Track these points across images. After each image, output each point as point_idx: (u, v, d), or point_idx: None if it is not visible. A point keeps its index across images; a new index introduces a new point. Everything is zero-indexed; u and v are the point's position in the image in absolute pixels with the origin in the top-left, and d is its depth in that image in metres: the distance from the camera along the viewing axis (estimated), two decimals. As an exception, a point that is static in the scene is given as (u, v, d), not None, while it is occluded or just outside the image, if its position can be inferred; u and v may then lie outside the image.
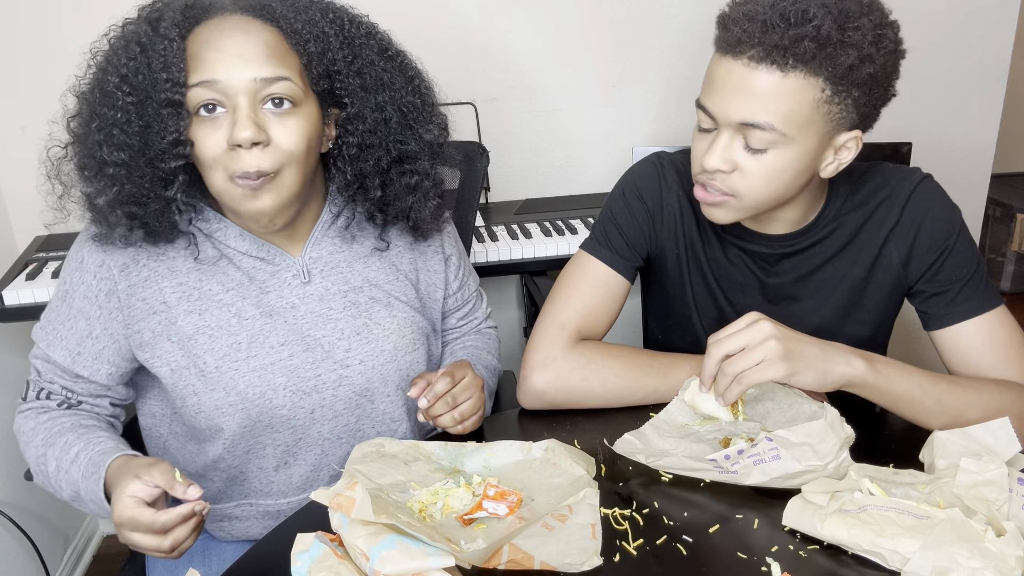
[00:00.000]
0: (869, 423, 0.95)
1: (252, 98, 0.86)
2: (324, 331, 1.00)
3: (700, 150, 0.95)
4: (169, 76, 0.85)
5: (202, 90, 0.85)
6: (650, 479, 0.88)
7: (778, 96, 0.87)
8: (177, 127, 0.86)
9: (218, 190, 0.90)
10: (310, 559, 0.72)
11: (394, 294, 1.05)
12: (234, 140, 0.85)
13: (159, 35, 0.86)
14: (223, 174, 0.88)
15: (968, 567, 0.67)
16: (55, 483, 0.93)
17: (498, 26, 1.85)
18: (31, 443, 0.97)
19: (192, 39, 0.87)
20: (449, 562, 0.69)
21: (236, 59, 0.85)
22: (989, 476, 0.76)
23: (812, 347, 0.90)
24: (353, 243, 1.04)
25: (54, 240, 1.74)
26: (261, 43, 0.87)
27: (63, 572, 1.92)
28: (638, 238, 1.11)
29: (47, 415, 0.98)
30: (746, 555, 0.76)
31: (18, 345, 1.82)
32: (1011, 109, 2.24)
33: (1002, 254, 3.23)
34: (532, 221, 1.78)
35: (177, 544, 0.79)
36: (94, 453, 0.90)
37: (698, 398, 0.94)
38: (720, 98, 0.91)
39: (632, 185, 1.12)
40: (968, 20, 1.99)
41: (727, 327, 0.91)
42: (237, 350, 0.96)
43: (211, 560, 1.07)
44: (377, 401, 1.03)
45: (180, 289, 0.96)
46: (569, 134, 1.97)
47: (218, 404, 0.95)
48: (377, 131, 0.96)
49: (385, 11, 1.36)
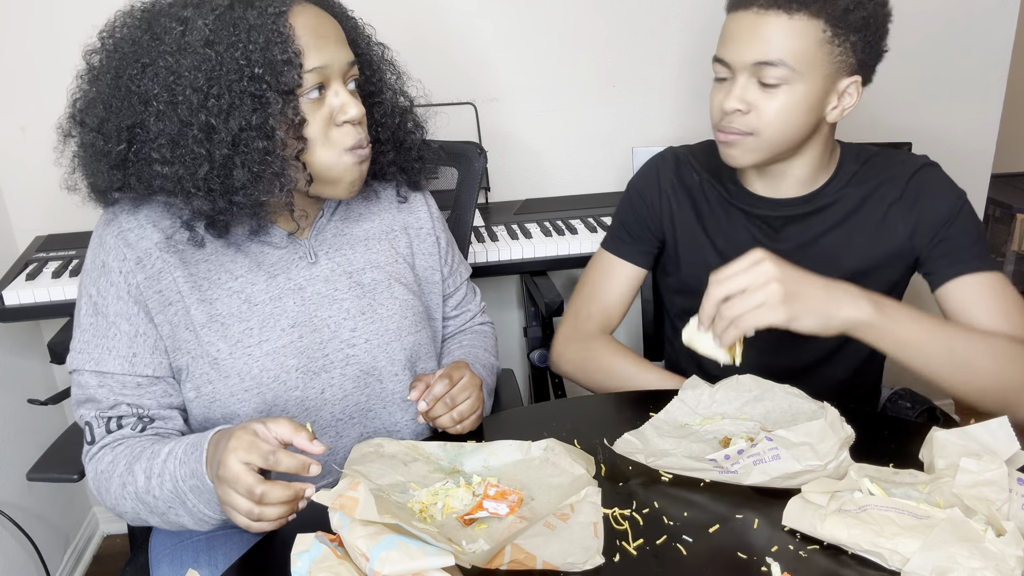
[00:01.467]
0: (869, 423, 0.95)
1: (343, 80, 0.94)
2: (330, 311, 1.02)
3: (718, 99, 1.06)
4: (288, 60, 0.88)
5: (313, 76, 0.90)
6: (650, 479, 0.88)
7: (786, 35, 0.99)
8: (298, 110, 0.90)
9: (329, 164, 0.94)
10: (310, 559, 0.72)
11: (395, 276, 1.08)
12: (349, 118, 0.93)
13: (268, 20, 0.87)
14: (338, 149, 0.94)
15: (968, 567, 0.67)
16: (146, 497, 0.89)
17: (498, 26, 1.85)
18: (113, 475, 0.91)
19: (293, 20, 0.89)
20: (449, 562, 0.69)
21: (335, 44, 0.92)
22: (989, 476, 0.76)
23: (816, 289, 0.89)
24: (354, 226, 1.08)
25: (54, 240, 1.74)
26: (338, 29, 0.94)
27: (63, 572, 1.92)
28: (643, 231, 1.25)
29: (123, 445, 0.93)
30: (746, 555, 0.76)
31: (18, 345, 1.82)
32: (1011, 109, 2.24)
33: (1002, 254, 3.23)
34: (532, 221, 1.78)
35: (265, 520, 0.78)
36: (190, 439, 0.88)
37: (696, 338, 0.94)
38: (735, 46, 1.02)
39: (632, 185, 1.28)
40: (968, 20, 1.99)
41: (729, 265, 0.90)
42: (249, 336, 0.97)
43: (216, 556, 1.07)
44: (385, 380, 1.05)
45: (191, 279, 0.96)
46: (569, 134, 1.97)
47: (233, 391, 0.96)
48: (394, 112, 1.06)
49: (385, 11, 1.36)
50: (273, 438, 0.79)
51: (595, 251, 1.30)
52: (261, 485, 0.76)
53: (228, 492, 0.78)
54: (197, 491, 0.86)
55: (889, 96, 2.03)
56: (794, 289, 0.88)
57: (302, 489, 0.79)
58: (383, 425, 1.07)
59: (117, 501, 0.92)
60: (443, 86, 1.84)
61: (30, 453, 1.79)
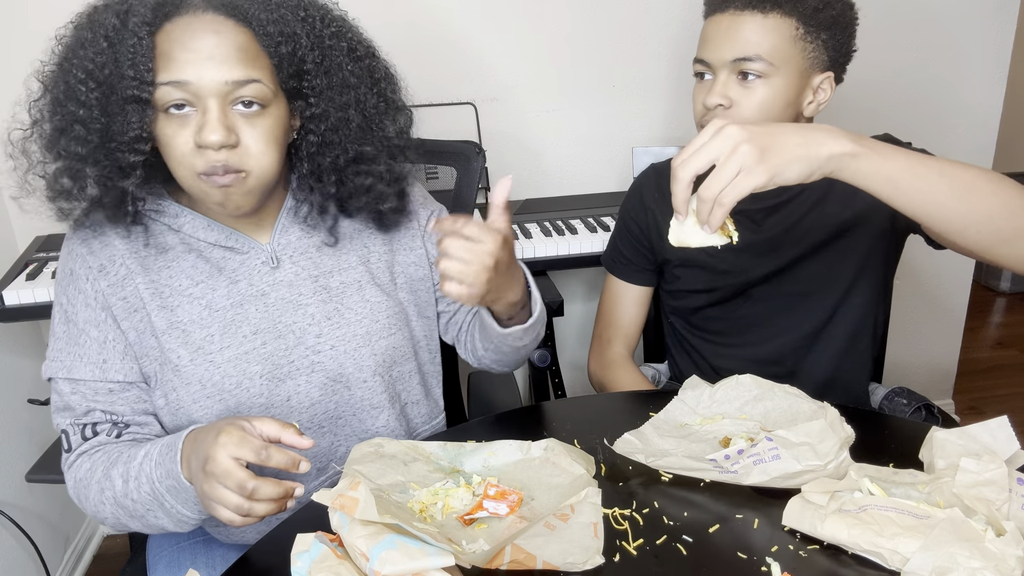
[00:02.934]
0: (869, 423, 0.95)
1: (222, 100, 0.86)
2: (295, 317, 1.00)
3: (700, 97, 1.12)
4: (136, 74, 0.84)
5: (171, 89, 0.85)
6: (650, 479, 0.88)
7: (761, 32, 1.06)
8: (140, 123, 0.86)
9: (186, 185, 0.91)
10: (310, 559, 0.72)
11: (367, 277, 1.05)
12: (203, 142, 0.85)
13: (128, 30, 0.85)
14: (190, 172, 0.88)
15: (968, 567, 0.67)
16: (125, 501, 0.88)
17: (498, 26, 1.84)
18: (91, 481, 0.91)
19: (162, 35, 0.86)
20: (449, 562, 0.69)
21: (208, 61, 0.85)
22: (989, 476, 0.76)
23: (790, 135, 0.82)
24: (323, 227, 1.04)
25: (54, 240, 1.74)
26: (233, 45, 0.86)
27: (63, 572, 1.92)
28: (638, 251, 1.32)
29: (100, 451, 0.93)
30: (746, 555, 0.76)
31: (18, 345, 1.82)
32: (1011, 109, 2.24)
33: (1002, 254, 3.22)
34: (532, 221, 1.78)
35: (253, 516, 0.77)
36: (165, 440, 0.87)
37: (684, 234, 0.88)
38: (714, 45, 1.09)
39: (622, 209, 1.35)
40: (968, 20, 1.99)
41: (690, 142, 0.83)
42: (210, 342, 0.96)
43: (215, 557, 1.07)
44: (353, 387, 1.03)
45: (152, 286, 0.96)
46: (569, 134, 1.97)
47: (195, 398, 0.95)
48: (338, 130, 0.96)
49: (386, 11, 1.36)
50: (259, 435, 0.78)
51: (595, 251, 1.32)
52: (253, 480, 0.76)
53: (216, 487, 0.76)
54: (174, 491, 0.85)
55: (889, 96, 2.03)
56: (767, 143, 0.81)
57: (292, 488, 0.79)
58: (354, 432, 1.05)
59: (97, 507, 0.91)
60: (443, 86, 1.84)
61: (30, 453, 1.79)
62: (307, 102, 0.95)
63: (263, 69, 0.89)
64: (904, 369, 2.32)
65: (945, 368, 2.38)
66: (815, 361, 1.23)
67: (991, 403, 2.49)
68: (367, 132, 0.99)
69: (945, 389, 2.42)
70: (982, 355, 2.82)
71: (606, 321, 1.36)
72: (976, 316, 2.98)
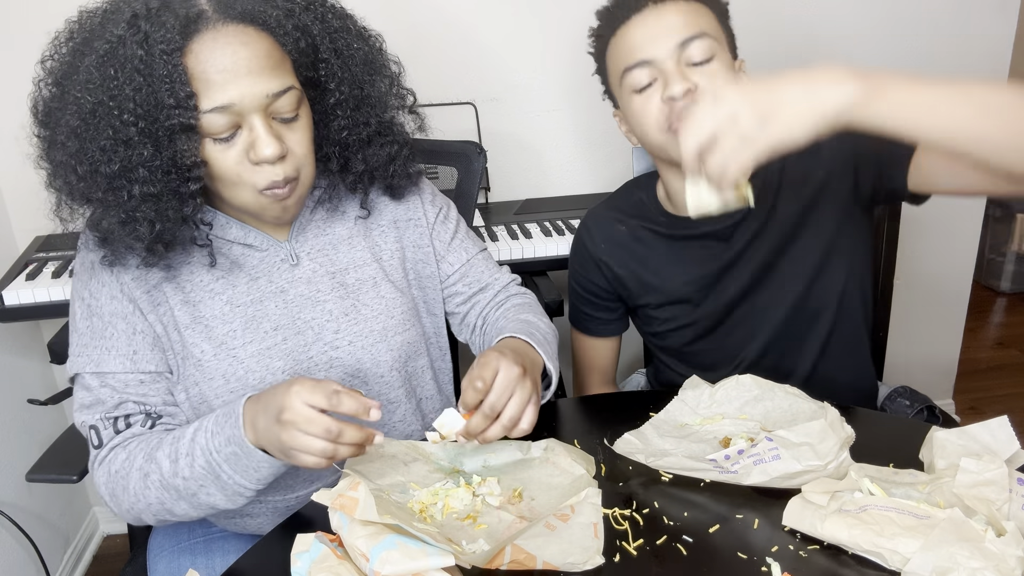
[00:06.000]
0: (869, 423, 0.95)
1: (264, 112, 0.86)
2: (314, 313, 1.00)
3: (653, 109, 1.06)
4: (178, 102, 0.82)
5: (217, 116, 0.84)
6: (650, 479, 0.88)
7: (693, 14, 1.05)
8: (193, 151, 0.85)
9: (242, 202, 0.91)
10: (310, 559, 0.72)
11: (381, 274, 1.06)
12: (260, 159, 0.86)
13: (157, 59, 0.81)
14: (250, 190, 0.89)
15: (968, 567, 0.67)
16: (174, 481, 0.86)
17: (498, 26, 1.84)
18: (131, 470, 0.88)
19: (190, 57, 0.83)
20: (449, 562, 0.69)
21: (246, 77, 0.84)
22: (989, 476, 0.76)
23: (790, 87, 0.76)
24: (337, 225, 1.05)
25: (54, 240, 1.74)
26: (264, 54, 0.86)
27: (63, 572, 1.92)
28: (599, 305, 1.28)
29: (136, 441, 0.91)
30: (746, 555, 0.76)
31: (18, 345, 1.82)
32: (1011, 109, 2.24)
33: (1002, 254, 3.23)
34: (532, 221, 1.78)
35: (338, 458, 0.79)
36: (219, 412, 0.86)
37: (700, 202, 0.85)
38: (651, 42, 1.05)
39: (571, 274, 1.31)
40: (968, 20, 1.99)
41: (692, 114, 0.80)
42: (233, 337, 0.96)
43: (214, 558, 1.07)
44: (371, 383, 1.03)
45: (174, 281, 0.96)
46: (569, 134, 1.97)
47: (218, 392, 0.95)
48: (360, 107, 0.98)
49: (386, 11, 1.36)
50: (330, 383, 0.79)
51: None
52: (337, 424, 0.77)
53: (297, 436, 0.77)
54: (234, 459, 0.83)
55: (889, 96, 2.03)
56: (766, 105, 0.75)
57: (372, 434, 0.81)
58: (371, 428, 1.05)
59: (138, 496, 0.89)
60: (443, 86, 1.84)
61: (30, 453, 1.79)
62: (326, 89, 0.95)
63: (290, 72, 0.89)
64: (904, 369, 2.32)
65: (945, 368, 2.38)
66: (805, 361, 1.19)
67: (991, 403, 2.49)
68: (385, 102, 1.01)
69: (945, 389, 2.42)
70: (982, 355, 2.82)
71: (581, 369, 1.36)
72: (976, 316, 2.98)
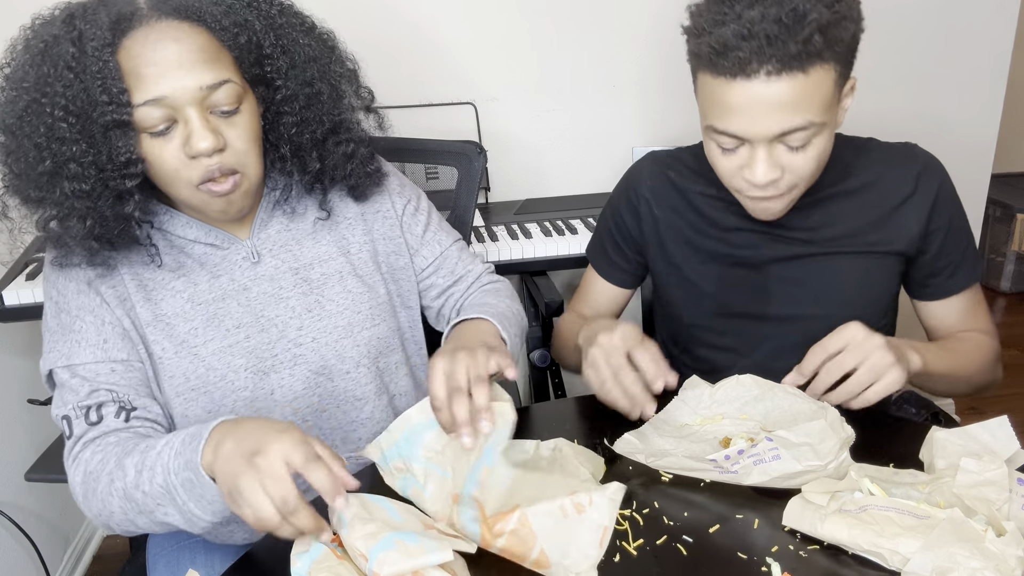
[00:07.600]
0: (869, 423, 0.95)
1: (200, 106, 0.86)
2: (277, 310, 1.00)
3: (731, 167, 0.98)
4: (111, 98, 0.82)
5: (150, 109, 0.83)
6: (650, 479, 0.88)
7: (807, 94, 0.89)
8: (128, 147, 0.85)
9: (184, 197, 0.90)
10: (310, 560, 0.72)
11: (348, 268, 1.04)
12: (195, 152, 0.85)
13: (89, 56, 0.81)
14: (187, 185, 0.88)
15: (968, 567, 0.67)
16: (135, 493, 0.81)
17: (499, 26, 1.84)
18: (102, 473, 0.84)
19: (123, 54, 0.83)
20: (448, 557, 0.69)
21: (177, 71, 0.84)
22: (989, 476, 0.76)
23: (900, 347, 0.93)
24: (299, 220, 1.04)
25: (54, 240, 1.74)
26: (196, 48, 0.85)
27: (63, 572, 1.92)
28: (618, 252, 1.23)
29: (112, 437, 0.88)
30: (746, 555, 0.76)
31: (18, 345, 1.82)
32: (1011, 109, 2.24)
33: (1002, 254, 3.23)
34: (532, 221, 1.78)
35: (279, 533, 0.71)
36: (192, 430, 0.80)
37: None
38: (747, 120, 0.92)
39: (611, 198, 1.24)
40: (968, 20, 1.99)
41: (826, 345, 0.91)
42: (194, 335, 0.95)
43: (214, 558, 1.07)
44: (336, 379, 1.02)
45: (136, 279, 0.95)
46: (569, 134, 1.97)
47: (178, 391, 0.95)
48: (311, 106, 0.97)
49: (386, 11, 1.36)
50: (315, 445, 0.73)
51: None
52: (297, 500, 0.70)
53: (254, 487, 0.69)
54: (189, 486, 0.77)
55: (889, 97, 2.03)
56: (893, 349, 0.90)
57: (324, 527, 0.73)
58: (339, 425, 1.04)
59: (104, 502, 0.84)
60: (443, 86, 1.84)
61: (30, 453, 1.79)
62: (273, 86, 0.94)
63: (229, 66, 0.88)
64: (904, 369, 2.32)
65: (945, 368, 2.38)
66: None
67: (991, 403, 2.49)
68: (338, 100, 0.99)
69: (945, 389, 2.42)
70: (982, 355, 2.81)
71: (583, 299, 1.29)
72: (976, 316, 2.98)
